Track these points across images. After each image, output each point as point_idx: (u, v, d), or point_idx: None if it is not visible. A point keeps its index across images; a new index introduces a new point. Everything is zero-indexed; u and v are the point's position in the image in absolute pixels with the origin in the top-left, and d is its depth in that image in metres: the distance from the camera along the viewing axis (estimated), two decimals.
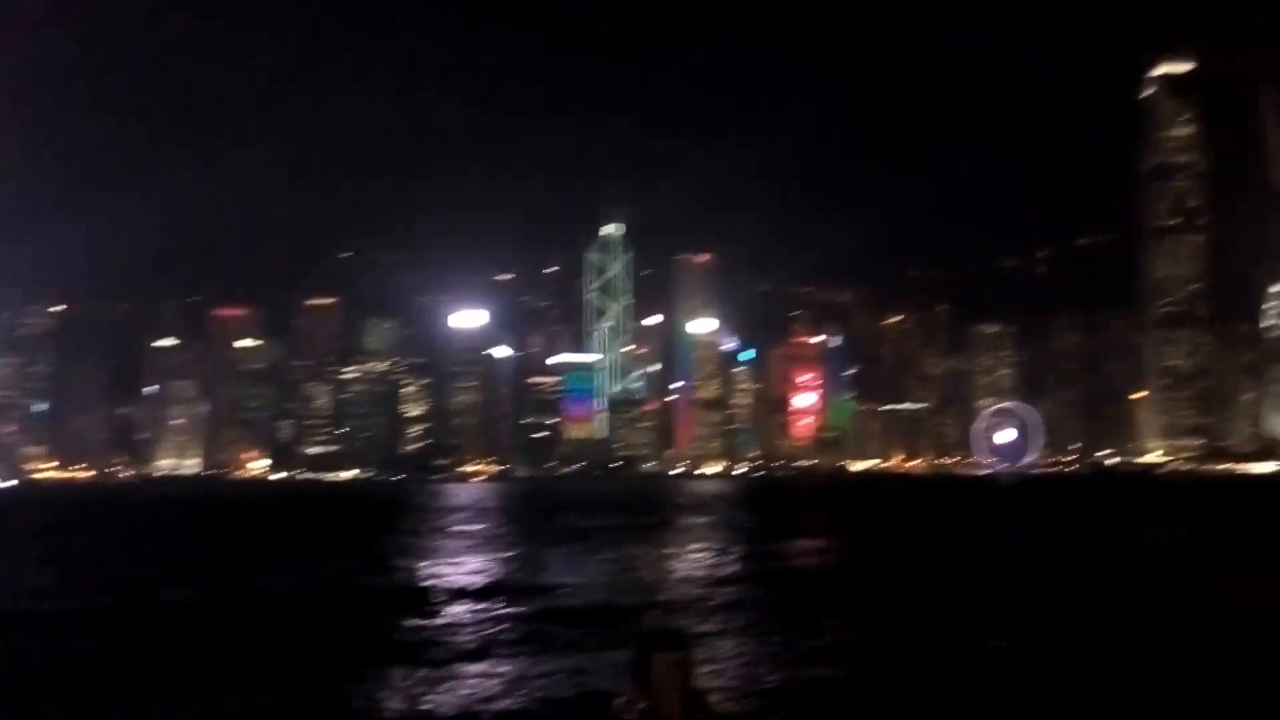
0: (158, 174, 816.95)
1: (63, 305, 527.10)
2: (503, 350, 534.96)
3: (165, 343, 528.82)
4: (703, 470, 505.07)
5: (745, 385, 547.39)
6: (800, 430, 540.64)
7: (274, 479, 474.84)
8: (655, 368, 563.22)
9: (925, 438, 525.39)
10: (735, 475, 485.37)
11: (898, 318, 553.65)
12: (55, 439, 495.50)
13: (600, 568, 65.90)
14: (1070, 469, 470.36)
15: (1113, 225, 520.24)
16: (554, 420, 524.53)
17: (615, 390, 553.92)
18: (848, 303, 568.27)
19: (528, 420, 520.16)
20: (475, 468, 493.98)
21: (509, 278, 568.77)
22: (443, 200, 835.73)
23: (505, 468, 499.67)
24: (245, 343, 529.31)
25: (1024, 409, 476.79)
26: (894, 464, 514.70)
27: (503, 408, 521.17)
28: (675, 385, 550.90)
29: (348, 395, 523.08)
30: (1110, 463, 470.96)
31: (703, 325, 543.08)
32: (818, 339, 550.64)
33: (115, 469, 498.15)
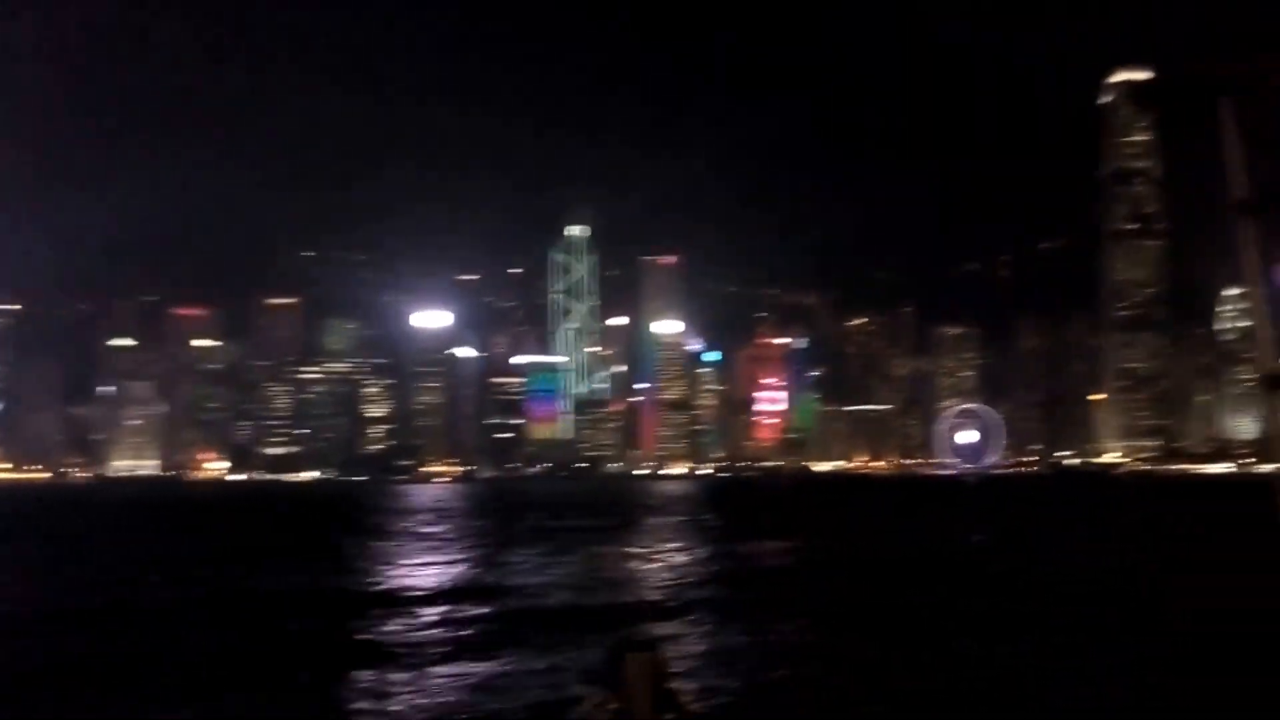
0: (115, 172, 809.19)
1: (17, 304, 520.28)
2: (466, 351, 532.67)
3: (122, 342, 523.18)
4: (667, 471, 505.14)
5: (710, 386, 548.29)
6: (765, 431, 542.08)
7: (233, 480, 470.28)
8: (620, 369, 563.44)
9: (889, 438, 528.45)
10: (700, 476, 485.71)
11: (862, 320, 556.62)
12: (9, 440, 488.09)
13: (567, 569, 65.42)
14: (1031, 469, 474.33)
15: (1073, 230, 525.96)
16: (518, 421, 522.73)
17: (580, 391, 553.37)
18: (812, 305, 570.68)
19: (492, 421, 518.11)
20: (438, 469, 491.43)
21: (473, 278, 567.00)
22: (406, 200, 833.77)
23: (469, 469, 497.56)
24: (203, 343, 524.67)
25: (986, 410, 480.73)
26: (858, 464, 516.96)
27: (466, 408, 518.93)
28: (640, 386, 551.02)
29: (308, 396, 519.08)
30: (1070, 463, 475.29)
31: (668, 326, 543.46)
32: (782, 340, 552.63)
33: (70, 470, 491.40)
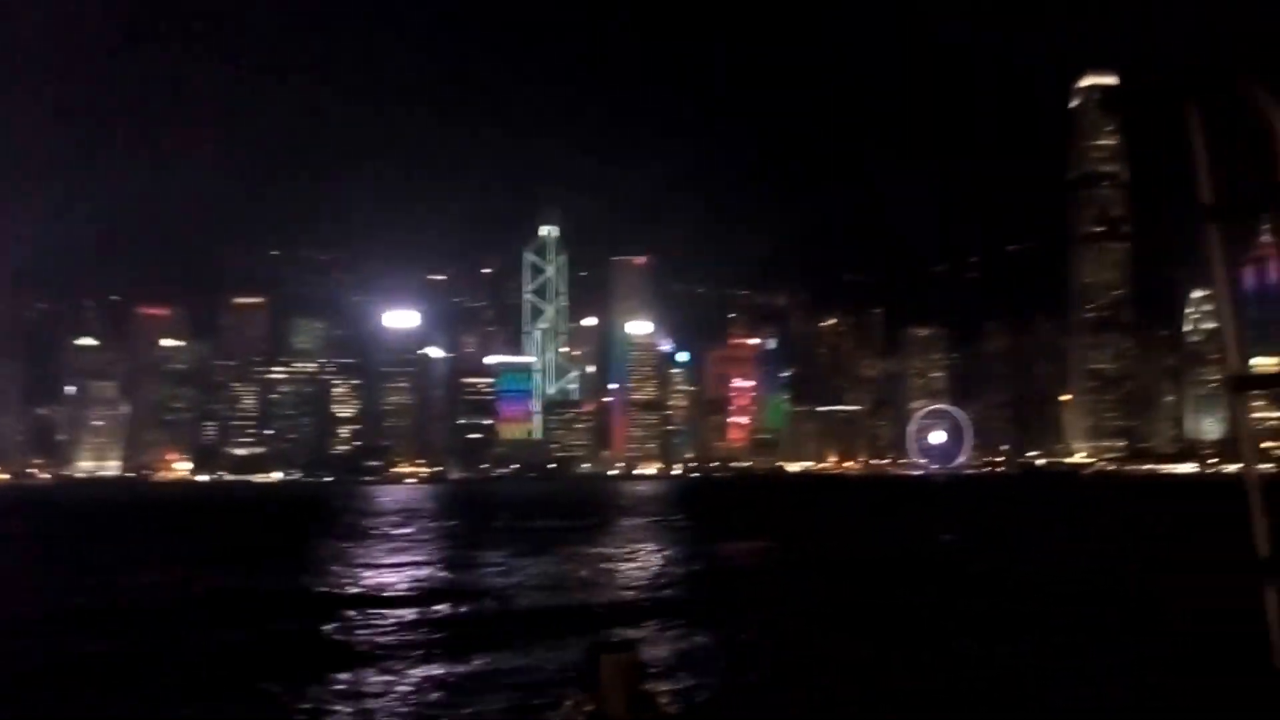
0: (80, 170, 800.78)
1: None
2: (436, 351, 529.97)
3: (86, 342, 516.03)
4: (638, 471, 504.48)
5: (681, 387, 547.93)
6: (736, 431, 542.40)
7: (198, 481, 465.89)
8: (591, 369, 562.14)
9: (859, 439, 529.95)
10: (672, 476, 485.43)
11: (832, 321, 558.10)
12: None
13: (539, 570, 64.64)
14: (1000, 469, 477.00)
15: (1042, 232, 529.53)
16: (488, 421, 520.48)
17: (551, 391, 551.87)
18: (783, 306, 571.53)
19: (462, 421, 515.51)
20: (407, 469, 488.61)
21: (443, 278, 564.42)
22: (375, 199, 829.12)
23: (438, 470, 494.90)
24: (169, 342, 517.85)
25: (955, 411, 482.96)
26: (829, 465, 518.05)
27: (436, 409, 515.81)
28: (611, 387, 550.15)
29: (275, 396, 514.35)
30: (1039, 463, 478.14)
31: (639, 327, 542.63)
32: (753, 341, 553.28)
33: (33, 471, 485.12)
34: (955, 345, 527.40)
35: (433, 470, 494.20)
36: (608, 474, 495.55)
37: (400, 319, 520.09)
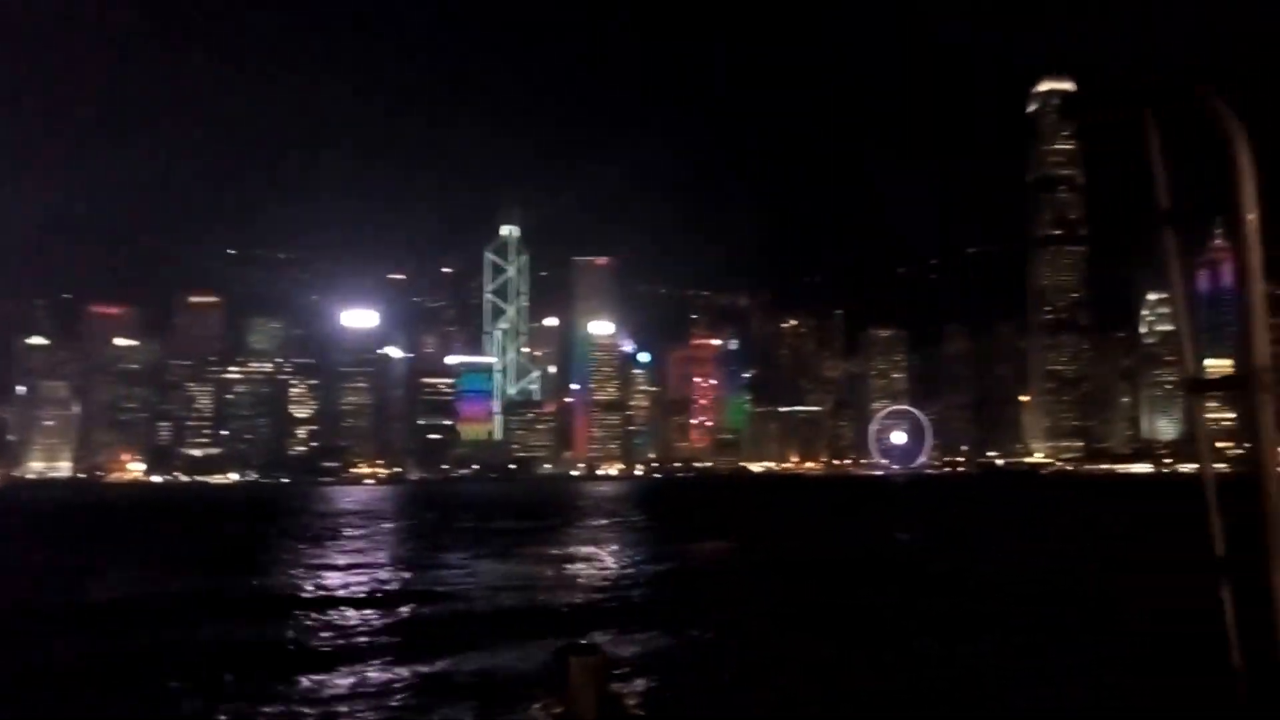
0: (30, 166, 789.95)
1: None
2: (395, 351, 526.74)
3: (37, 341, 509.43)
4: (601, 472, 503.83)
5: (643, 387, 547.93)
6: (698, 432, 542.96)
7: (152, 482, 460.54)
8: (552, 370, 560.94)
9: (821, 439, 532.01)
10: (633, 477, 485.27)
11: (794, 322, 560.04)
12: None
13: (502, 571, 64.18)
14: (960, 469, 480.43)
15: (1003, 235, 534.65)
16: (448, 422, 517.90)
17: (512, 392, 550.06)
18: (745, 307, 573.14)
19: (421, 422, 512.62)
20: (366, 470, 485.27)
21: (402, 277, 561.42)
22: (334, 197, 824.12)
23: (398, 470, 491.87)
24: (122, 342, 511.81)
25: (916, 411, 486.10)
26: (790, 465, 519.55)
27: (395, 409, 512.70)
28: (573, 387, 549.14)
29: (230, 396, 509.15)
30: (998, 463, 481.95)
31: (601, 328, 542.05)
32: (714, 342, 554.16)
33: None
34: (916, 346, 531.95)
35: (392, 471, 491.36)
36: (569, 475, 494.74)
37: (359, 318, 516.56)
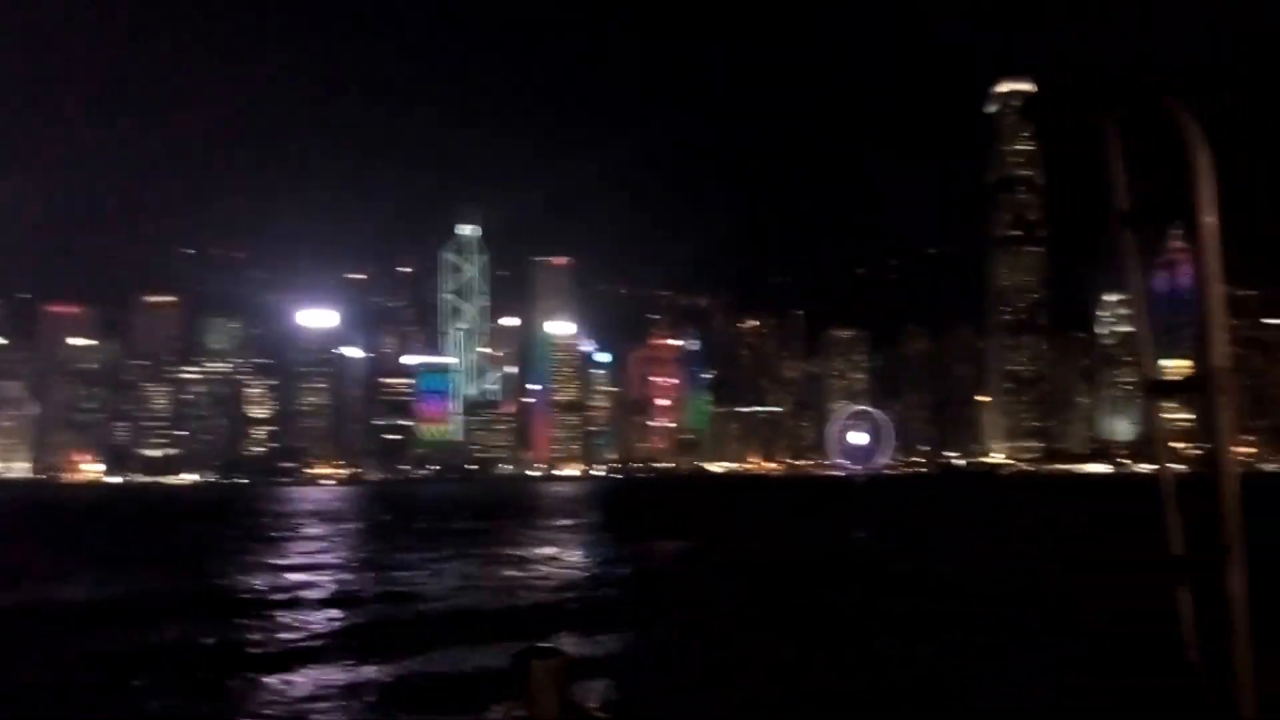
0: None
1: None
2: (353, 351, 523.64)
3: None
4: (560, 472, 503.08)
5: (603, 388, 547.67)
6: (658, 432, 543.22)
7: (109, 483, 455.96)
8: (512, 370, 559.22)
9: (781, 439, 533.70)
10: (593, 477, 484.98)
11: (754, 323, 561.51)
12: None
13: (461, 571, 63.63)
14: (920, 469, 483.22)
15: (963, 236, 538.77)
16: (407, 422, 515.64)
17: (471, 392, 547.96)
18: (705, 307, 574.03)
19: (379, 422, 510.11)
20: (324, 471, 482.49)
21: (360, 277, 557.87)
22: (291, 196, 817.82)
23: (356, 471, 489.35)
24: (79, 341, 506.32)
25: (875, 412, 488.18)
26: (751, 465, 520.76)
27: (353, 409, 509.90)
28: (532, 387, 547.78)
29: (188, 397, 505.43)
30: (958, 463, 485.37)
31: (560, 328, 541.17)
32: (675, 342, 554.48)
33: None
34: (876, 347, 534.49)
35: (350, 472, 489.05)
36: (529, 475, 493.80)
37: (317, 318, 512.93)
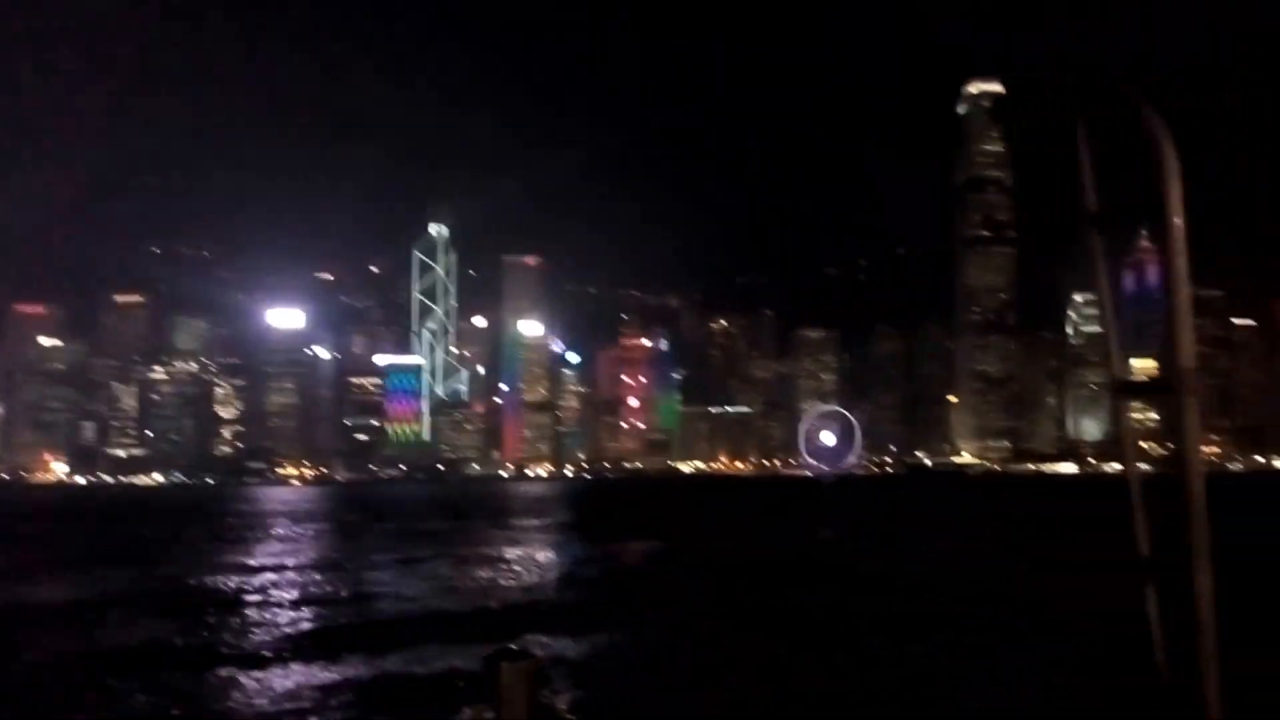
0: None
1: None
2: (322, 351, 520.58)
3: None
4: (530, 472, 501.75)
5: (573, 388, 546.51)
6: (628, 432, 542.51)
7: (76, 483, 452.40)
8: (481, 370, 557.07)
9: (751, 439, 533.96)
10: (563, 478, 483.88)
11: (724, 323, 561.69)
12: None
13: (431, 572, 63.23)
14: (889, 469, 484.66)
15: (932, 236, 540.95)
16: (376, 422, 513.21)
17: (440, 392, 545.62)
18: (675, 307, 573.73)
19: (348, 422, 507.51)
20: (292, 471, 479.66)
21: (329, 276, 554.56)
22: (261, 195, 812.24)
23: (325, 471, 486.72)
24: (46, 341, 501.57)
25: (845, 412, 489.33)
26: (721, 465, 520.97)
27: (322, 410, 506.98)
28: (502, 387, 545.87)
29: (156, 396, 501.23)
30: (927, 463, 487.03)
31: (530, 327, 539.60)
32: (645, 342, 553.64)
33: None
34: (845, 347, 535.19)
35: (319, 472, 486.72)
36: (498, 475, 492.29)
37: (285, 318, 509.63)
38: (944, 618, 40.03)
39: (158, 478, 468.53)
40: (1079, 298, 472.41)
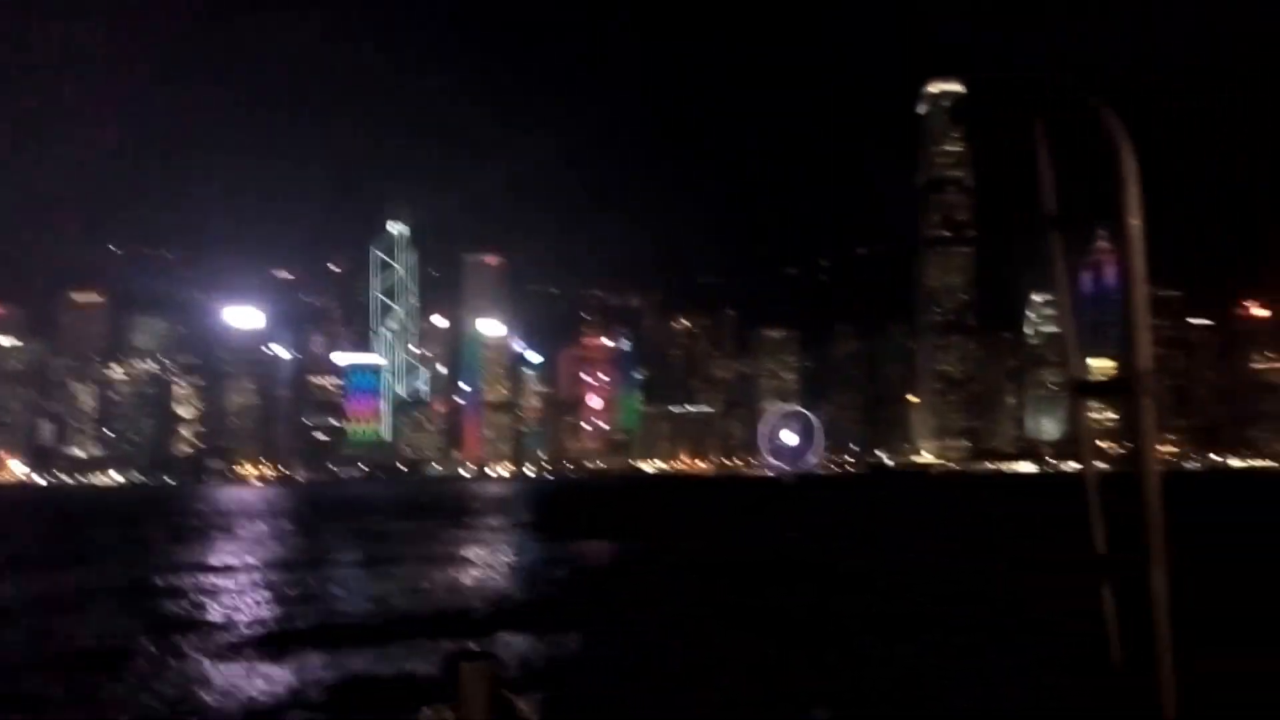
0: None
1: None
2: (282, 350, 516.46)
3: None
4: (491, 472, 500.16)
5: (534, 387, 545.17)
6: (589, 432, 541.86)
7: (34, 483, 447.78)
8: (442, 369, 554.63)
9: (712, 439, 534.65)
10: (524, 477, 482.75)
11: (685, 322, 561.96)
12: None
13: (391, 573, 62.27)
14: (850, 469, 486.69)
15: (894, 236, 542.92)
16: (336, 422, 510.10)
17: (400, 392, 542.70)
18: (636, 307, 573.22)
19: (308, 422, 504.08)
20: (252, 471, 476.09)
21: (289, 275, 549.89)
22: (219, 193, 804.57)
23: (284, 471, 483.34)
24: (3, 340, 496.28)
25: (806, 412, 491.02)
26: (682, 465, 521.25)
27: (281, 409, 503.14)
28: (463, 387, 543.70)
29: (114, 396, 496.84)
30: (888, 463, 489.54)
31: (491, 327, 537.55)
32: (606, 342, 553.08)
33: None
34: (806, 347, 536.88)
35: (278, 472, 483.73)
36: (459, 475, 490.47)
37: (244, 317, 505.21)
38: (929, 618, 39.73)
39: (117, 477, 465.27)
40: (1038, 298, 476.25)
